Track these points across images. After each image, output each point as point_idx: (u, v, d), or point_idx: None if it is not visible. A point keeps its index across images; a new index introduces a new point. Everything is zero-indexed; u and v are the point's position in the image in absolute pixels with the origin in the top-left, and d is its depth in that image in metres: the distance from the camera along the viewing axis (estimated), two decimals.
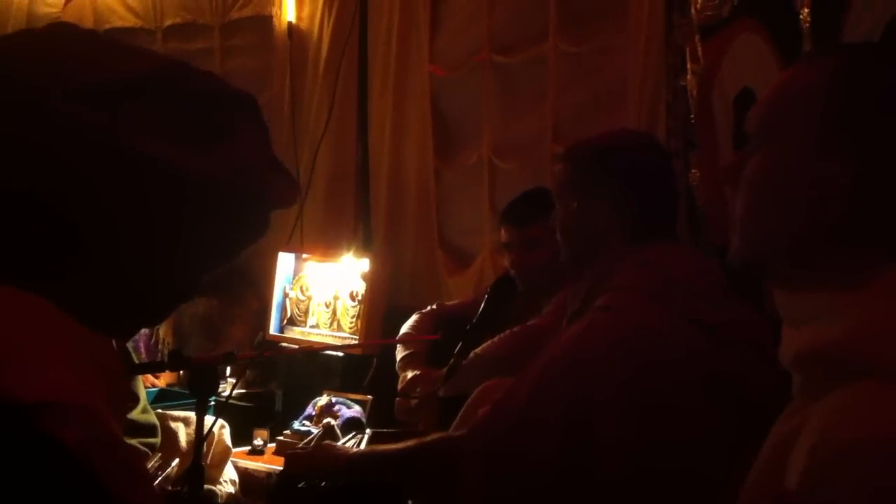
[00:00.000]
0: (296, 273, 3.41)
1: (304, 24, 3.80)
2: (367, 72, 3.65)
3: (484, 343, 2.57)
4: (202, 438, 1.87)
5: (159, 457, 2.55)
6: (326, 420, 2.82)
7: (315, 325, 3.33)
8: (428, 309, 2.95)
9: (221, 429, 2.72)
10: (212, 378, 1.87)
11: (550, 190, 2.61)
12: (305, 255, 3.42)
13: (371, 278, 3.19)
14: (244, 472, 2.80)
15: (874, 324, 0.89)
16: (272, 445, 2.94)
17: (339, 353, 3.20)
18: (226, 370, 3.02)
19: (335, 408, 2.89)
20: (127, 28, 4.12)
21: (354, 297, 3.23)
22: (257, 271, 3.55)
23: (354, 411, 2.88)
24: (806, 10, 1.95)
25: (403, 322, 2.93)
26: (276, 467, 2.73)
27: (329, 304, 3.30)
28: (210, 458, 2.63)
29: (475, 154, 3.41)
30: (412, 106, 3.54)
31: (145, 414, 2.54)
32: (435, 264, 3.50)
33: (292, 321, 3.38)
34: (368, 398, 2.96)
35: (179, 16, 4.08)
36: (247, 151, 0.85)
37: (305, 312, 3.35)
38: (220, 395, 2.60)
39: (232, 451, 2.78)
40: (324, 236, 3.65)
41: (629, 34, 2.87)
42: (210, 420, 2.26)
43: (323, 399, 2.95)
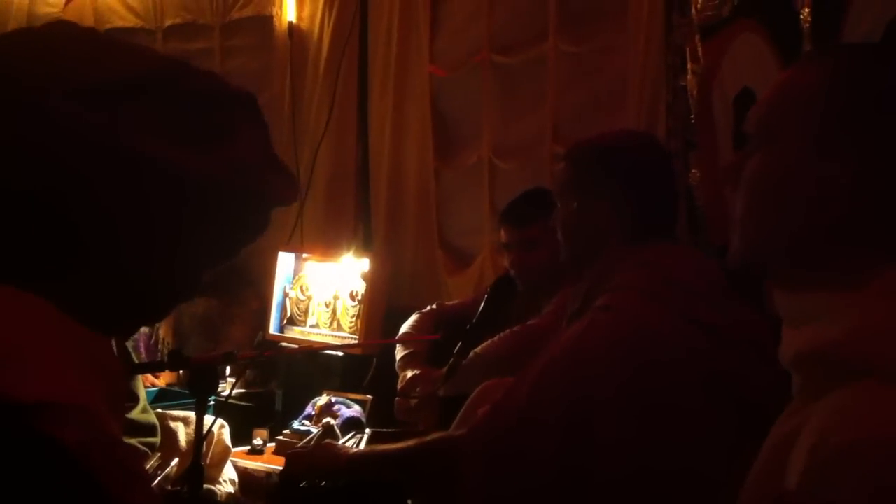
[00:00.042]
0: (296, 273, 3.41)
1: (305, 25, 3.81)
2: (368, 72, 3.65)
3: (483, 343, 2.58)
4: (202, 438, 1.88)
5: (159, 456, 2.55)
6: (326, 420, 2.82)
7: (315, 325, 3.33)
8: (427, 309, 2.95)
9: (221, 428, 2.72)
10: (211, 378, 1.87)
11: (550, 190, 2.62)
12: (305, 255, 3.42)
13: (371, 278, 3.19)
14: (244, 472, 2.80)
15: (874, 324, 0.89)
16: (272, 445, 2.94)
17: (339, 353, 3.20)
18: (225, 370, 3.01)
19: (335, 407, 2.89)
20: (127, 28, 4.12)
21: (354, 297, 3.23)
22: (257, 271, 3.55)
23: (354, 411, 2.88)
24: (806, 10, 1.95)
25: (403, 322, 2.94)
26: (276, 467, 2.72)
27: (329, 304, 3.30)
28: (209, 458, 2.64)
29: (475, 154, 3.41)
30: (412, 106, 3.54)
31: (145, 414, 2.54)
32: (435, 264, 3.50)
33: (292, 321, 3.38)
34: (368, 398, 2.96)
35: (180, 16, 4.08)
36: (246, 151, 0.85)
37: (305, 312, 3.35)
38: (220, 395, 2.60)
39: (231, 451, 2.78)
40: (324, 236, 3.65)
41: (629, 34, 2.87)
42: (210, 420, 2.26)
43: (323, 399, 2.95)
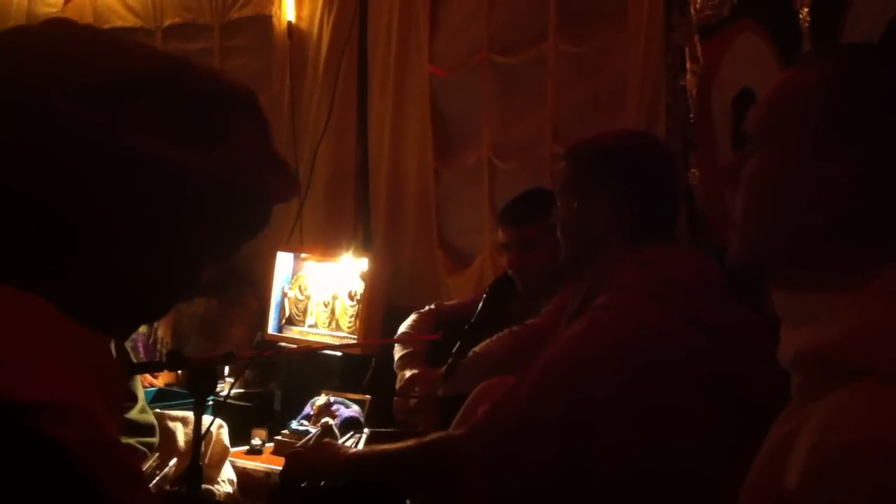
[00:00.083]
0: (294, 273, 3.40)
1: (304, 24, 3.80)
2: (367, 72, 3.65)
3: (482, 342, 2.57)
4: (200, 438, 1.87)
5: (157, 456, 2.54)
6: (325, 420, 2.81)
7: (314, 325, 3.33)
8: (426, 309, 2.95)
9: (220, 428, 2.71)
10: (210, 378, 1.87)
11: (549, 190, 2.62)
12: (304, 255, 3.41)
13: (370, 278, 3.18)
14: (242, 472, 2.79)
15: (874, 324, 0.90)
16: (270, 445, 2.93)
17: (338, 353, 3.19)
18: (224, 370, 3.01)
19: (333, 407, 2.89)
20: (127, 28, 4.11)
21: (353, 297, 3.23)
22: (256, 271, 3.55)
23: (353, 411, 2.88)
24: (805, 10, 1.95)
25: (402, 322, 2.94)
26: (275, 467, 2.72)
27: (328, 304, 3.30)
28: (208, 458, 2.63)
29: (475, 154, 3.41)
30: (412, 106, 3.54)
31: (143, 413, 2.53)
32: (434, 264, 3.50)
33: (291, 321, 3.38)
34: (367, 398, 2.95)
35: (179, 16, 4.07)
36: (246, 151, 0.85)
37: (304, 312, 3.35)
38: (219, 395, 2.60)
39: (230, 451, 2.77)
40: (323, 236, 3.65)
41: (629, 34, 2.87)
42: (208, 420, 2.26)
43: (321, 399, 2.95)
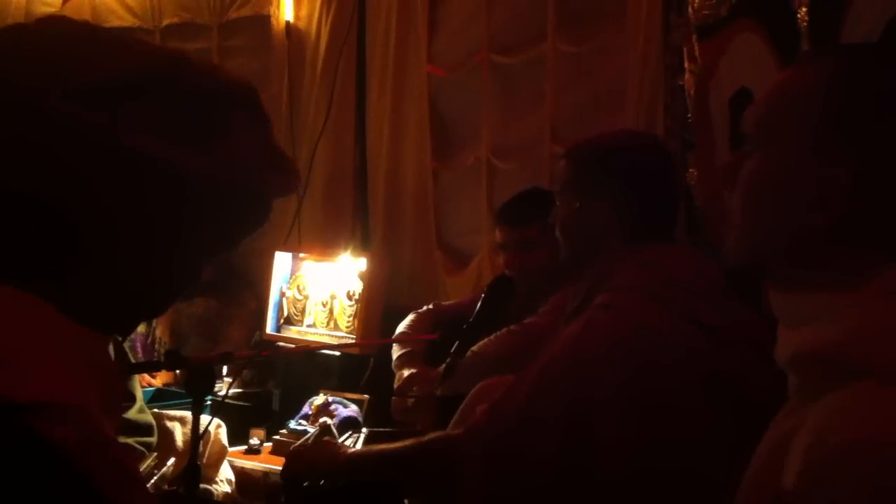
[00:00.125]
0: (293, 272, 3.40)
1: (303, 24, 3.80)
2: (366, 72, 3.65)
3: (481, 342, 2.57)
4: (198, 438, 1.87)
5: (155, 456, 2.54)
6: (323, 419, 2.81)
7: (312, 325, 3.33)
8: (424, 309, 2.95)
9: (218, 428, 2.72)
10: (208, 378, 1.86)
11: (546, 190, 2.62)
12: (303, 255, 3.41)
13: (368, 278, 3.18)
14: (240, 472, 2.79)
15: (874, 324, 0.90)
16: (269, 445, 2.94)
17: (336, 353, 3.19)
18: (222, 370, 3.01)
19: (332, 407, 2.89)
20: (125, 28, 4.10)
21: (351, 297, 3.23)
22: (255, 271, 3.54)
23: (351, 411, 2.88)
24: (804, 10, 1.95)
25: (400, 322, 2.93)
26: (273, 467, 2.72)
27: (326, 304, 3.30)
28: (206, 458, 2.63)
29: (473, 154, 3.41)
30: (410, 106, 3.54)
31: (142, 413, 2.53)
32: (433, 264, 3.50)
33: (289, 320, 3.38)
34: (365, 397, 2.95)
35: (178, 15, 4.07)
36: (246, 150, 0.85)
37: (302, 312, 3.35)
38: (217, 395, 2.60)
39: (228, 451, 2.77)
40: (321, 236, 3.65)
41: (628, 35, 2.88)
42: (206, 419, 2.26)
43: (320, 398, 2.95)
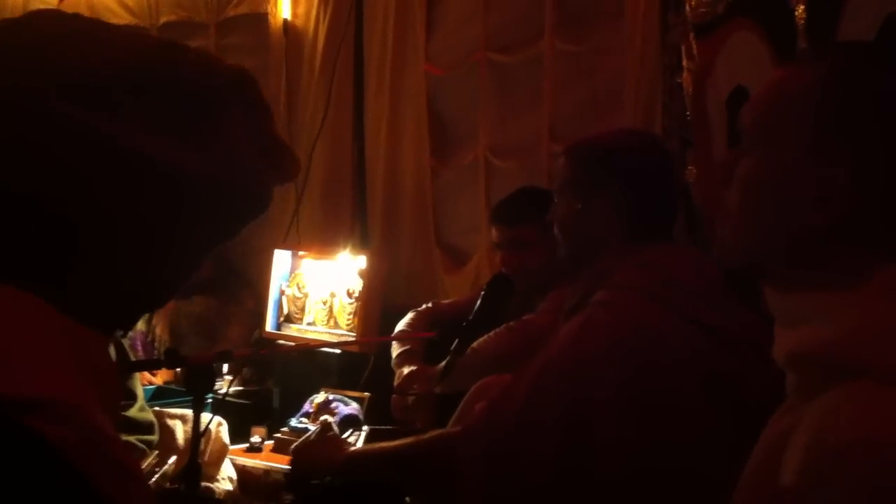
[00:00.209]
0: (292, 270, 3.40)
1: (300, 22, 3.80)
2: (363, 70, 3.65)
3: (480, 339, 2.57)
4: (199, 436, 1.87)
5: (156, 454, 2.54)
6: (324, 417, 2.81)
7: (312, 323, 3.33)
8: (423, 307, 2.95)
9: (219, 426, 2.72)
10: (208, 376, 1.87)
11: (543, 189, 2.62)
12: (302, 253, 3.41)
13: (368, 275, 3.19)
14: (242, 470, 2.79)
15: (872, 324, 0.90)
16: (270, 443, 2.94)
17: (336, 351, 3.19)
18: (222, 368, 3.01)
19: (332, 405, 2.89)
20: (122, 26, 4.10)
21: (351, 295, 3.23)
22: (253, 270, 3.54)
23: (352, 408, 2.88)
24: (801, 8, 1.95)
25: (400, 320, 2.94)
26: (274, 465, 2.73)
27: (326, 302, 3.30)
28: (207, 456, 2.63)
29: (472, 153, 3.41)
30: (408, 105, 3.54)
31: (143, 412, 2.53)
32: (432, 263, 3.50)
33: (289, 318, 3.38)
34: (366, 395, 2.95)
35: (175, 13, 4.07)
36: (245, 147, 0.85)
37: (302, 310, 3.35)
38: (218, 393, 2.60)
39: (229, 449, 2.77)
40: (320, 234, 3.65)
41: (625, 34, 2.88)
42: (207, 417, 2.26)
43: (320, 396, 2.95)
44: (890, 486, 0.79)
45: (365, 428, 2.57)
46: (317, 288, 3.33)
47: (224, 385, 2.85)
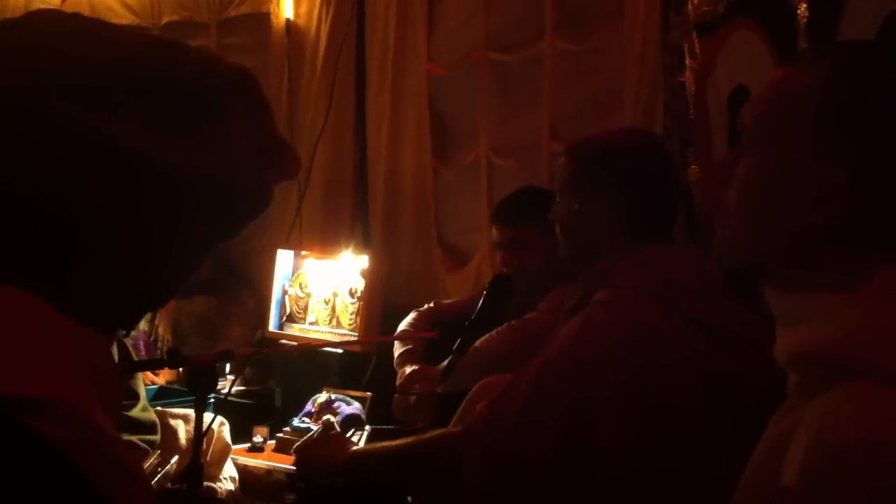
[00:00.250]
0: (295, 270, 3.41)
1: (302, 22, 3.80)
2: (365, 70, 3.65)
3: (482, 338, 2.57)
4: (201, 436, 1.87)
5: (158, 454, 2.55)
6: (326, 417, 2.82)
7: (314, 322, 3.33)
8: (425, 307, 2.96)
9: (221, 426, 2.72)
10: (210, 376, 1.87)
11: (543, 189, 2.62)
12: (304, 253, 3.42)
13: (370, 275, 3.19)
14: (244, 470, 2.80)
15: (872, 324, 0.90)
16: (272, 443, 2.94)
17: (339, 351, 3.20)
18: (225, 367, 3.01)
19: (335, 405, 2.89)
20: (123, 25, 4.10)
21: (353, 294, 3.24)
22: (255, 269, 3.55)
23: (354, 408, 2.88)
24: (803, 7, 1.95)
25: (401, 320, 2.94)
26: (276, 465, 2.73)
27: (328, 301, 3.30)
28: (209, 456, 2.63)
29: (473, 152, 3.41)
30: (410, 104, 3.54)
31: (145, 412, 2.54)
32: (433, 262, 3.50)
33: (291, 318, 3.39)
34: (368, 395, 2.96)
35: (177, 13, 4.07)
36: (246, 146, 0.85)
37: (304, 309, 3.36)
38: (220, 393, 2.60)
39: (231, 449, 2.77)
40: (322, 234, 3.65)
41: (626, 33, 2.88)
42: (209, 417, 2.26)
43: (322, 396, 2.95)
44: (890, 486, 0.79)
45: (367, 427, 2.58)
46: (319, 288, 3.34)
47: (226, 385, 2.85)
